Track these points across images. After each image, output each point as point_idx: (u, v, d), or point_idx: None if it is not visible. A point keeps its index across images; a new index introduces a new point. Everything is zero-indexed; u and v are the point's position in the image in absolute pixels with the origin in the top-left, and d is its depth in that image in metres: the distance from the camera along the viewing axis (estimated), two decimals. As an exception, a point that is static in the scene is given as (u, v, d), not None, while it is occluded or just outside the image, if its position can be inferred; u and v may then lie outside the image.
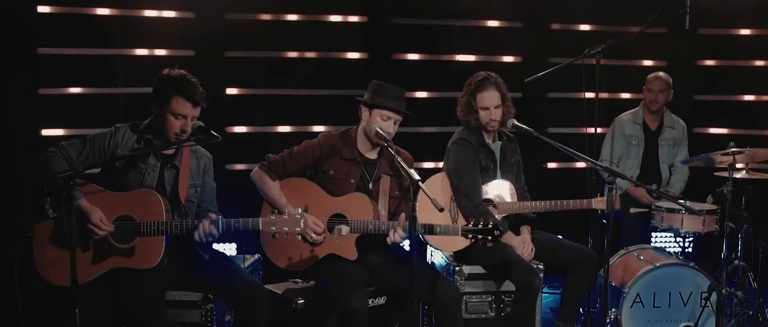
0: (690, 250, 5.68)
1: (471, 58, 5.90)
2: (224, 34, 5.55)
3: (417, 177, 3.24)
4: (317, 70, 5.78)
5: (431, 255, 4.72)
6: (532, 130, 4.04)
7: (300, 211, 3.42)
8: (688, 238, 4.82)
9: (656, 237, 5.86)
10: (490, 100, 4.20)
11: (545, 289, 5.48)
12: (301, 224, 3.38)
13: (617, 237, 5.20)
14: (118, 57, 5.43)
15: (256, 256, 4.27)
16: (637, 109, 5.44)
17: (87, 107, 5.39)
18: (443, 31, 5.90)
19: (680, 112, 6.12)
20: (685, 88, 6.30)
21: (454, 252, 4.29)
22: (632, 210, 5.03)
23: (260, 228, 3.40)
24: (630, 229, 5.06)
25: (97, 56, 5.42)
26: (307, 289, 3.92)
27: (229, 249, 5.42)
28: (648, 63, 6.06)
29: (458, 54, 5.93)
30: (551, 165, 6.18)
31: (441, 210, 3.16)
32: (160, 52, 5.53)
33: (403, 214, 3.74)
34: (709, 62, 6.33)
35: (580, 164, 5.89)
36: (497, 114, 4.20)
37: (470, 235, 3.66)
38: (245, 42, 5.65)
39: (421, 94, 5.88)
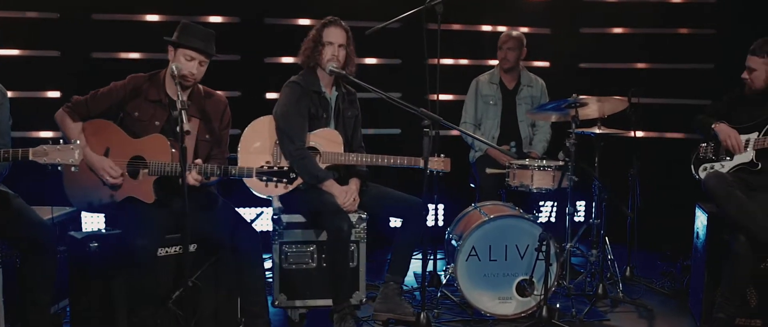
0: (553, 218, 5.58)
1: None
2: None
3: (181, 106, 3.16)
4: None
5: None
6: (344, 72, 4.02)
7: (77, 141, 3.30)
8: (541, 192, 4.70)
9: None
10: (335, 36, 4.11)
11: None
12: (76, 155, 3.26)
13: (473, 197, 5.12)
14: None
15: (75, 207, 4.16)
16: (493, 69, 5.37)
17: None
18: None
19: (565, 80, 6.06)
20: (570, 56, 6.26)
21: (279, 199, 4.20)
22: (488, 170, 4.94)
23: (31, 157, 3.28)
24: (484, 189, 4.98)
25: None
26: (111, 235, 3.80)
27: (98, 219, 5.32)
28: (525, 30, 5.95)
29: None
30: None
31: (187, 132, 3.09)
32: (29, 13, 5.47)
33: (198, 160, 3.65)
34: (593, 30, 6.26)
35: (455, 132, 5.76)
36: (341, 54, 4.11)
37: (264, 178, 3.55)
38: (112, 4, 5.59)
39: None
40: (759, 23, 5.30)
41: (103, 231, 3.89)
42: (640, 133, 4.99)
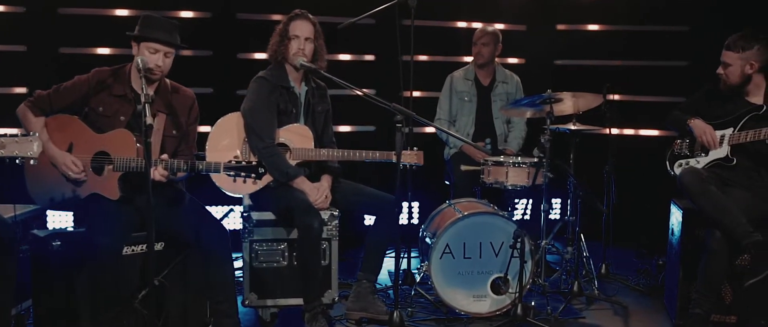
0: (528, 215, 5.54)
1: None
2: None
3: (145, 99, 3.07)
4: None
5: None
6: (315, 66, 3.96)
7: (35, 133, 3.19)
8: (515, 189, 4.64)
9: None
10: (302, 29, 4.04)
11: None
12: (34, 147, 3.14)
13: (447, 194, 5.07)
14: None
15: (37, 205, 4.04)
16: (468, 65, 5.32)
17: None
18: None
19: (541, 77, 6.03)
20: (545, 52, 6.22)
21: (250, 197, 4.11)
22: (463, 167, 4.89)
23: (-13, 152, 3.17)
24: (458, 186, 4.93)
25: None
26: (75, 233, 3.69)
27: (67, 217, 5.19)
28: (501, 26, 5.90)
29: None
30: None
31: (150, 126, 3.00)
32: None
33: (165, 155, 3.56)
34: (569, 27, 6.22)
35: (430, 129, 5.70)
36: (308, 48, 4.04)
37: (232, 173, 3.47)
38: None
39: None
40: (732, 19, 5.30)
41: (70, 229, 3.77)
42: (615, 130, 4.96)
